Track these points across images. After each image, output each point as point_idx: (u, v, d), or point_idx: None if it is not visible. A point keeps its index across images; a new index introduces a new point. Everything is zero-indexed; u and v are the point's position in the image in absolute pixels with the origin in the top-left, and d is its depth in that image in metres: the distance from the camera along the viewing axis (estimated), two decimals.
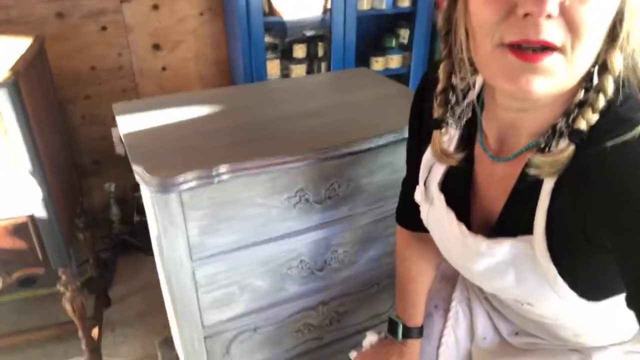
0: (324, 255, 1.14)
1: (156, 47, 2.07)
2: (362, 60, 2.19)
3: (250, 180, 0.96)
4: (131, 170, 0.92)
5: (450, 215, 0.70)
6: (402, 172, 1.11)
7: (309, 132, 1.06)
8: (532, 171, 0.56)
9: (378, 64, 2.21)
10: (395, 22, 2.28)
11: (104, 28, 1.96)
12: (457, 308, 0.93)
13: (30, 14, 1.84)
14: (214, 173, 0.90)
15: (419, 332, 0.92)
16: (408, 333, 0.92)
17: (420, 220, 0.82)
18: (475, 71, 0.62)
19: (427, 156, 0.75)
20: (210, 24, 2.12)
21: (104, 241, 2.17)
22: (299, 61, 2.11)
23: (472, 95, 0.68)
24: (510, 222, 0.64)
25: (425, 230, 0.83)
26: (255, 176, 0.95)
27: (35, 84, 1.43)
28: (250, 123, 1.11)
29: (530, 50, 0.49)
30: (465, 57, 0.60)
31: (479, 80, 0.68)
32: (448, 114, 0.68)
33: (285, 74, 2.13)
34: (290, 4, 2.00)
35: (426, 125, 0.75)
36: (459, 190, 0.72)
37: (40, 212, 1.27)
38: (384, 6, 2.10)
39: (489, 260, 0.66)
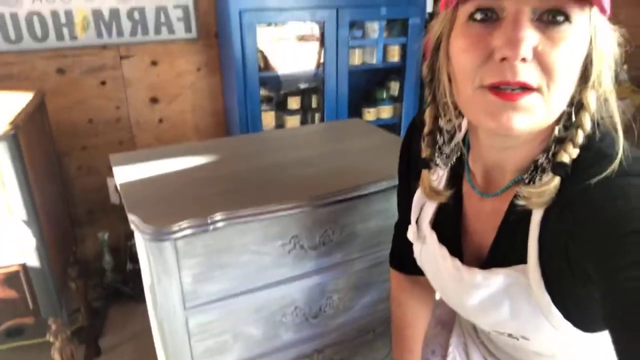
0: (318, 301, 1.14)
1: (154, 100, 2.13)
2: (355, 111, 2.26)
3: (245, 227, 0.97)
4: (125, 219, 0.93)
5: (444, 251, 0.72)
6: (395, 218, 1.13)
7: (303, 180, 1.08)
8: (521, 202, 0.59)
9: (370, 114, 2.28)
10: (385, 75, 2.37)
11: (103, 83, 2.02)
12: (454, 353, 0.92)
13: (31, 70, 1.90)
14: (209, 221, 0.91)
15: None
16: None
17: (414, 263, 0.83)
18: (459, 114, 0.65)
19: (418, 195, 0.78)
20: (207, 79, 2.19)
21: (96, 290, 2.14)
22: (293, 112, 2.17)
23: (459, 137, 0.71)
24: (501, 254, 0.66)
25: (419, 273, 0.83)
26: (250, 223, 0.97)
27: (34, 137, 1.46)
28: (245, 171, 1.13)
29: (509, 90, 0.52)
30: (449, 100, 0.63)
31: (464, 123, 0.72)
32: (436, 154, 0.71)
33: (280, 124, 2.19)
34: (285, 60, 2.08)
35: (414, 167, 0.78)
36: (450, 227, 0.74)
37: (33, 261, 1.26)
38: (374, 61, 2.19)
39: (484, 292, 0.66)
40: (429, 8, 2.26)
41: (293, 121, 2.17)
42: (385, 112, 2.31)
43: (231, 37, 1.86)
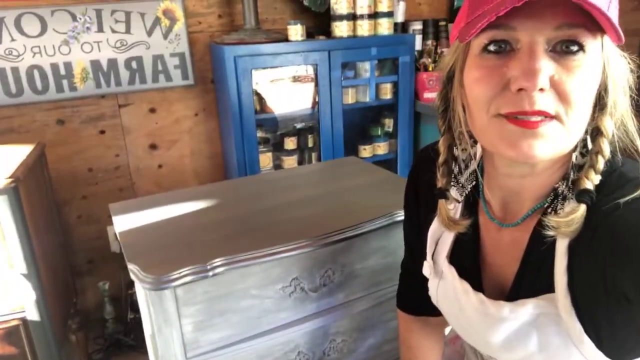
0: (321, 345, 1.12)
1: (153, 146, 2.16)
2: (351, 148, 2.29)
3: (245, 271, 0.97)
4: (125, 268, 0.93)
5: (466, 286, 0.70)
6: (395, 255, 1.13)
7: (301, 221, 1.09)
8: (550, 232, 0.58)
9: (366, 151, 2.30)
10: (379, 112, 2.41)
11: (102, 132, 2.06)
12: None
13: (32, 122, 1.94)
14: (208, 267, 0.91)
15: None
16: None
17: (424, 303, 0.81)
18: (474, 143, 0.66)
19: (433, 229, 0.76)
20: (204, 123, 2.23)
21: (96, 342, 2.10)
22: (290, 152, 2.20)
23: (473, 166, 0.71)
24: (527, 284, 0.64)
25: (429, 313, 0.82)
26: (250, 267, 0.96)
27: (34, 188, 1.48)
28: (244, 214, 1.14)
29: (528, 117, 0.53)
30: (464, 129, 0.64)
31: (479, 151, 0.72)
32: (452, 183, 0.71)
33: (277, 165, 2.21)
34: (281, 101, 2.12)
35: (425, 200, 0.78)
36: (469, 260, 0.72)
37: (33, 315, 1.25)
38: (367, 99, 2.24)
39: (511, 325, 0.65)
40: (418, 46, 2.32)
41: (290, 161, 2.19)
42: (381, 148, 2.34)
43: (227, 82, 1.91)
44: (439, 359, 0.93)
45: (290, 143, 2.20)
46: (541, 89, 0.51)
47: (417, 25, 2.36)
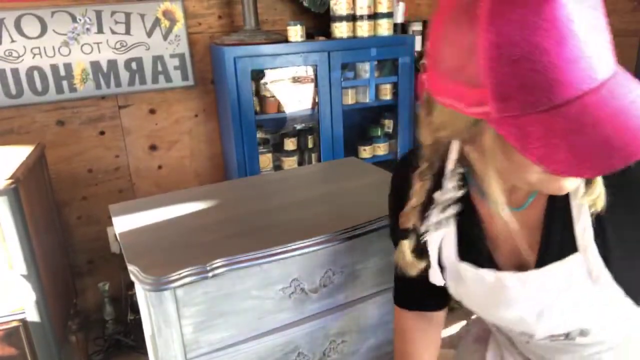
0: (322, 346, 1.12)
1: (153, 147, 2.16)
2: (351, 149, 2.29)
3: (245, 272, 0.97)
4: (125, 269, 0.93)
5: (489, 273, 0.72)
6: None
7: (301, 222, 1.09)
8: (591, 210, 0.63)
9: (366, 152, 2.31)
10: (379, 113, 2.42)
11: (102, 133, 2.06)
12: None
13: (31, 123, 1.94)
14: (208, 268, 0.91)
15: None
16: None
17: (420, 300, 0.85)
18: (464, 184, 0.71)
19: (432, 240, 0.76)
20: (204, 124, 2.23)
21: (96, 342, 2.10)
22: (290, 153, 2.20)
23: (457, 207, 0.72)
24: (553, 250, 0.68)
25: (425, 309, 0.86)
26: (250, 268, 0.96)
27: (34, 189, 1.48)
28: (244, 216, 1.14)
29: None
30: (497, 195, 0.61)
31: (453, 159, 0.72)
32: (422, 224, 0.73)
33: (277, 165, 2.21)
34: (281, 102, 2.13)
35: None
36: (481, 251, 0.74)
37: (33, 316, 1.25)
38: (367, 100, 2.24)
39: (544, 295, 0.69)
40: (418, 47, 2.32)
41: (290, 162, 2.19)
42: (381, 149, 2.34)
43: (227, 83, 1.91)
44: (433, 350, 0.94)
45: (290, 144, 2.20)
46: None
47: (417, 26, 2.36)
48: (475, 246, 0.74)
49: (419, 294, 0.86)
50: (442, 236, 0.75)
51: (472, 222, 0.73)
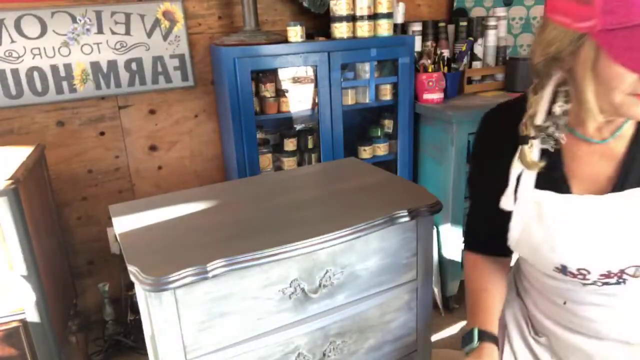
0: (322, 347, 1.12)
1: (153, 148, 2.16)
2: (351, 149, 2.29)
3: (245, 273, 0.97)
4: (125, 269, 0.93)
5: (567, 197, 0.81)
6: (395, 256, 1.13)
7: (301, 222, 1.09)
8: None
9: (366, 152, 2.31)
10: (379, 113, 2.42)
11: (102, 133, 2.06)
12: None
13: (31, 124, 1.94)
14: (208, 268, 0.91)
15: (495, 339, 0.92)
16: (484, 336, 0.92)
17: (492, 243, 0.95)
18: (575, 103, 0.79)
19: (515, 169, 0.86)
20: (204, 124, 2.23)
21: (96, 343, 2.10)
22: (290, 154, 2.20)
23: (565, 119, 0.81)
24: (633, 177, 0.78)
25: (497, 253, 1.00)
26: (250, 269, 0.96)
27: (34, 190, 1.48)
28: (244, 216, 1.14)
29: None
30: (594, 108, 0.72)
31: (551, 88, 0.82)
32: (537, 135, 0.82)
33: (277, 166, 2.21)
34: (281, 103, 2.12)
35: (499, 149, 0.89)
36: (558, 180, 0.83)
37: (33, 317, 1.25)
38: (367, 100, 2.24)
39: (617, 221, 0.78)
40: (418, 47, 2.33)
41: (290, 162, 2.19)
42: (381, 149, 2.34)
43: (227, 83, 1.91)
44: (503, 288, 1.01)
45: (290, 144, 2.20)
46: None
47: (417, 27, 2.36)
48: (554, 175, 0.83)
49: (494, 236, 0.94)
50: (522, 168, 0.84)
51: (555, 154, 0.82)
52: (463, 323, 2.25)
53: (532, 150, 0.83)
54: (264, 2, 2.16)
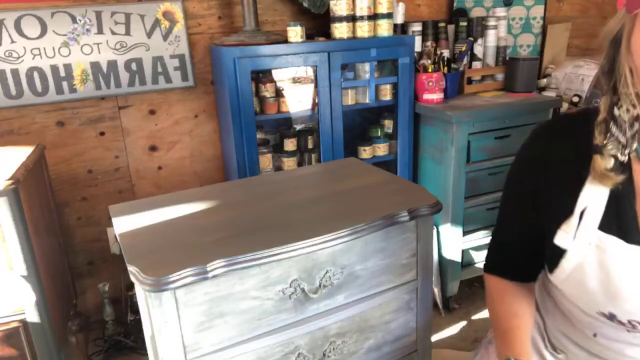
0: (322, 347, 1.12)
1: (153, 148, 2.16)
2: (351, 149, 2.29)
3: (245, 273, 0.97)
4: (125, 269, 0.93)
5: (636, 249, 0.72)
6: (395, 256, 1.13)
7: (301, 222, 1.09)
8: None
9: (366, 152, 2.31)
10: (379, 113, 2.42)
11: (102, 133, 2.06)
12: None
13: (31, 124, 1.94)
14: (208, 268, 0.91)
15: None
16: None
17: (519, 268, 0.91)
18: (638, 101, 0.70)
19: (582, 200, 0.76)
20: (204, 125, 2.23)
21: (96, 343, 2.10)
22: (290, 154, 2.20)
23: (637, 127, 0.73)
24: None
25: (522, 279, 0.92)
26: (250, 269, 0.96)
27: (34, 190, 1.48)
28: (243, 216, 1.14)
29: None
30: (632, 91, 0.69)
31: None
32: (609, 142, 0.73)
33: (277, 166, 2.21)
34: (281, 104, 2.12)
35: (557, 169, 0.81)
36: (629, 224, 0.73)
37: (33, 317, 1.25)
38: (367, 100, 2.24)
39: None
40: (417, 47, 2.33)
41: (290, 163, 2.19)
42: (381, 149, 2.34)
43: (227, 83, 1.91)
44: (532, 315, 0.94)
45: (290, 144, 2.20)
46: None
47: (417, 27, 2.36)
48: (624, 219, 0.74)
49: (521, 261, 0.89)
50: (588, 203, 0.76)
51: (627, 192, 0.73)
52: (463, 323, 2.25)
53: (608, 161, 0.73)
54: (264, 2, 2.16)
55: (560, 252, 0.79)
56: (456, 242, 2.23)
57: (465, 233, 2.26)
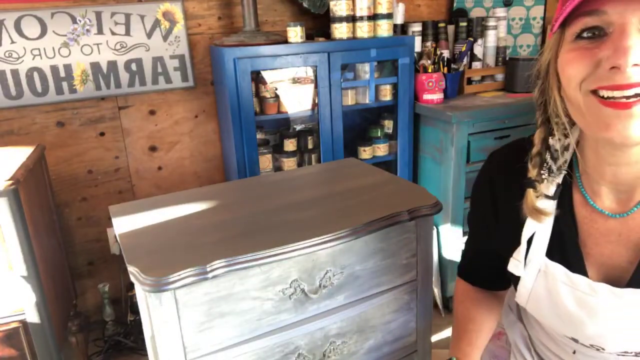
0: (322, 347, 1.12)
1: (152, 148, 2.16)
2: (351, 150, 2.29)
3: (245, 273, 0.97)
4: (125, 270, 0.93)
5: (582, 281, 0.70)
6: (395, 257, 1.13)
7: (301, 223, 1.09)
8: None
9: (366, 152, 2.31)
10: (379, 113, 2.42)
11: (102, 134, 2.06)
12: None
13: (31, 124, 1.94)
14: (208, 269, 0.91)
15: None
16: None
17: (485, 278, 0.92)
18: (572, 129, 0.69)
19: (526, 230, 0.75)
20: (204, 125, 2.23)
21: (96, 344, 2.10)
22: (290, 154, 2.20)
23: (567, 156, 0.72)
24: None
25: (489, 287, 0.94)
26: (250, 269, 0.96)
27: (34, 191, 1.48)
28: (243, 217, 1.14)
29: (623, 98, 0.54)
30: (563, 117, 0.67)
31: (572, 144, 0.72)
32: (544, 175, 0.72)
33: (277, 166, 2.21)
34: (281, 104, 2.13)
35: (504, 198, 0.80)
36: (572, 254, 0.72)
37: (33, 317, 1.25)
38: (367, 101, 2.24)
39: (637, 310, 0.66)
40: (417, 48, 2.33)
41: (290, 163, 2.19)
42: (381, 150, 2.34)
43: (227, 84, 1.91)
44: (492, 320, 0.94)
45: (290, 145, 2.20)
46: (635, 64, 0.52)
47: (417, 27, 2.36)
48: (568, 249, 0.72)
49: (487, 273, 0.90)
50: (534, 230, 0.74)
51: (569, 223, 0.72)
52: None
53: (540, 198, 0.72)
54: (264, 3, 2.16)
55: (515, 278, 0.79)
56: (456, 242, 2.23)
57: (465, 233, 2.26)
